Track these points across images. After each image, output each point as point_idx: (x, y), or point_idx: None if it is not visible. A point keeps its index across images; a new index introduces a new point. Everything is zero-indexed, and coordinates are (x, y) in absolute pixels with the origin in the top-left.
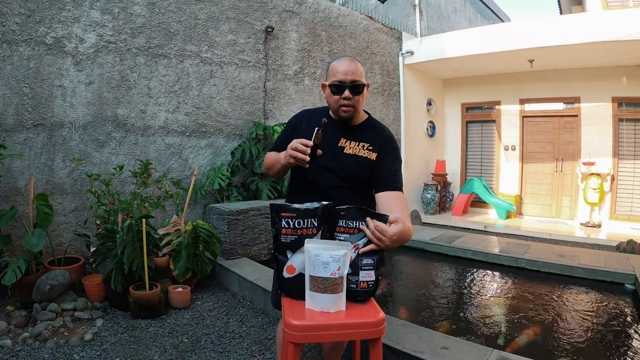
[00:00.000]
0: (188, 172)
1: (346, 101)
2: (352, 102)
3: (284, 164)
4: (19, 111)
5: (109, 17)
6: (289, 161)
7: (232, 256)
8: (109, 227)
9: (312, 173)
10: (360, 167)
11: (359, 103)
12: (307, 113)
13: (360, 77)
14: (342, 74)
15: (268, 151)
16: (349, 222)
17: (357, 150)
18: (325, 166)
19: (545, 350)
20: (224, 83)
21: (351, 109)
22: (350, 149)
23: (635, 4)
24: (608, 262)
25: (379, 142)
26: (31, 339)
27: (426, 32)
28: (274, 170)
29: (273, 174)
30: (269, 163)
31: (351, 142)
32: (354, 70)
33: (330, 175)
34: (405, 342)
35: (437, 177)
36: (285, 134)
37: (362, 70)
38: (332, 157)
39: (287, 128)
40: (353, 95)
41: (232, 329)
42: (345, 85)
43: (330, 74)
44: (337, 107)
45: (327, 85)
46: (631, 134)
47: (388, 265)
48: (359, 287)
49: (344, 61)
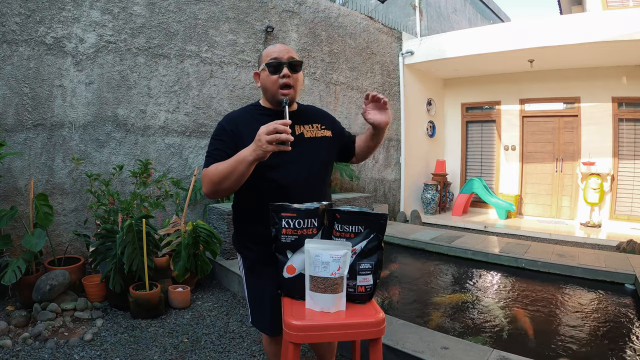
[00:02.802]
0: (188, 172)
1: (285, 79)
2: (292, 82)
3: (253, 159)
4: (19, 111)
5: (109, 17)
6: (265, 149)
7: (232, 256)
8: (108, 227)
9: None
10: (328, 148)
11: (297, 82)
12: (235, 115)
13: (296, 56)
14: (277, 53)
15: (203, 169)
16: (345, 227)
17: (316, 132)
18: (291, 160)
19: (545, 350)
20: (224, 83)
21: (291, 91)
22: (310, 133)
23: (635, 4)
24: (608, 262)
25: (327, 121)
26: (31, 339)
27: (426, 32)
28: (233, 177)
29: (230, 184)
30: (221, 174)
31: (305, 126)
32: (290, 50)
33: (296, 168)
34: (405, 342)
35: (437, 177)
36: (221, 142)
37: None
38: (296, 147)
39: (223, 134)
40: (292, 73)
41: (232, 329)
42: (283, 62)
43: (264, 58)
44: (275, 89)
45: (264, 66)
46: (631, 134)
47: (388, 265)
48: (357, 292)
49: (277, 44)
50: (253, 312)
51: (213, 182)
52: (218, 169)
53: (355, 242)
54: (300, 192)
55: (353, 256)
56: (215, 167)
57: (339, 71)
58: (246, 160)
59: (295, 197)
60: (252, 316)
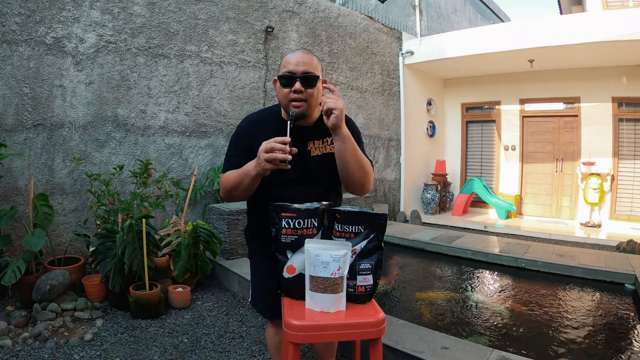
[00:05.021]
0: (188, 172)
1: (297, 94)
2: (304, 96)
3: (256, 174)
4: (19, 111)
5: (109, 17)
6: (264, 167)
7: (232, 256)
8: (108, 227)
9: (284, 190)
10: (329, 165)
11: (312, 97)
12: (253, 117)
13: (313, 69)
14: (293, 65)
15: (220, 174)
16: (345, 227)
17: (324, 148)
18: (295, 179)
19: (545, 350)
20: (224, 83)
21: (303, 104)
22: (316, 150)
23: (635, 4)
24: (608, 262)
25: None
26: (31, 339)
27: (426, 32)
28: (241, 188)
29: (240, 193)
30: (232, 183)
31: (315, 142)
32: (307, 61)
33: (302, 189)
34: (405, 342)
35: (437, 177)
36: (237, 147)
37: (318, 63)
38: (300, 165)
39: (238, 140)
40: (305, 88)
41: (232, 329)
42: (296, 77)
43: (281, 67)
44: (286, 102)
45: (277, 78)
46: (631, 134)
47: (387, 265)
48: (357, 292)
49: (298, 52)
50: (253, 292)
51: (226, 189)
52: (230, 178)
53: (355, 242)
54: None
55: (353, 256)
56: (228, 174)
57: (339, 71)
58: (250, 174)
59: None
60: (252, 297)
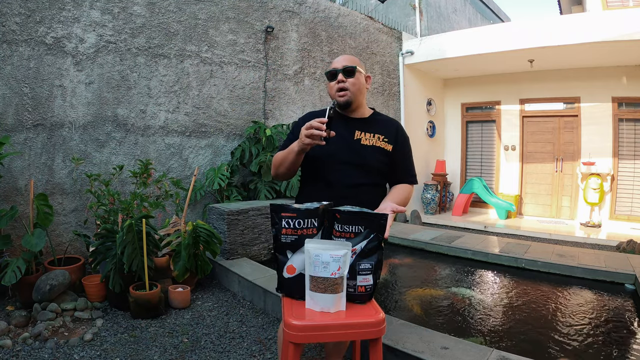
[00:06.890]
0: (188, 172)
1: (340, 84)
2: (346, 85)
3: (298, 149)
4: (19, 111)
5: (109, 17)
6: (304, 142)
7: (232, 256)
8: (108, 227)
9: (332, 170)
10: (380, 157)
11: (353, 86)
12: (313, 111)
13: (352, 63)
14: (335, 63)
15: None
16: (345, 227)
17: (373, 141)
18: (346, 161)
19: (545, 350)
20: (224, 83)
21: (347, 93)
22: (367, 140)
23: (635, 4)
24: (608, 262)
25: (392, 135)
26: (31, 339)
27: (426, 32)
28: (285, 165)
29: (284, 170)
30: (278, 160)
31: (366, 134)
32: (348, 59)
33: (351, 171)
34: (405, 342)
35: (437, 177)
36: (293, 132)
37: (359, 62)
38: (351, 151)
39: (296, 127)
40: (346, 77)
41: (232, 329)
42: (338, 70)
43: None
44: (333, 93)
45: (326, 76)
46: (631, 134)
47: (387, 265)
48: (357, 292)
49: (340, 56)
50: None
51: (274, 165)
52: (278, 155)
53: (355, 242)
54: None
55: (353, 256)
56: (278, 153)
57: None
58: (293, 150)
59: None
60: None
